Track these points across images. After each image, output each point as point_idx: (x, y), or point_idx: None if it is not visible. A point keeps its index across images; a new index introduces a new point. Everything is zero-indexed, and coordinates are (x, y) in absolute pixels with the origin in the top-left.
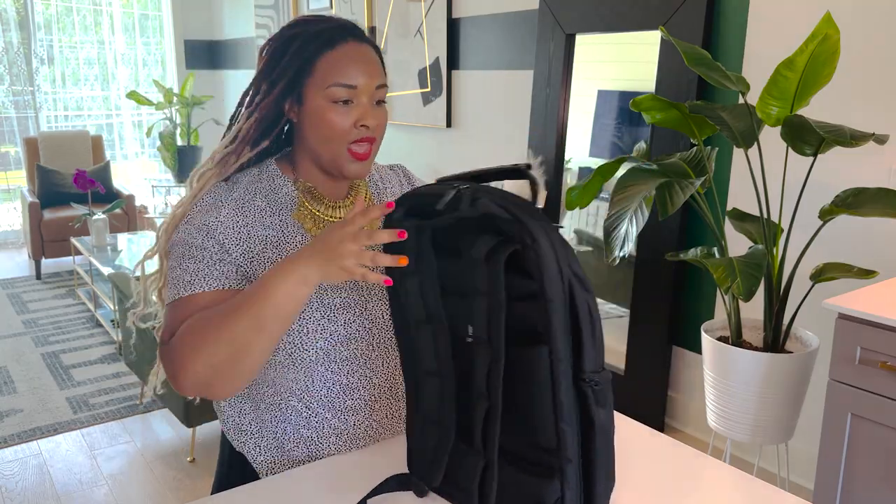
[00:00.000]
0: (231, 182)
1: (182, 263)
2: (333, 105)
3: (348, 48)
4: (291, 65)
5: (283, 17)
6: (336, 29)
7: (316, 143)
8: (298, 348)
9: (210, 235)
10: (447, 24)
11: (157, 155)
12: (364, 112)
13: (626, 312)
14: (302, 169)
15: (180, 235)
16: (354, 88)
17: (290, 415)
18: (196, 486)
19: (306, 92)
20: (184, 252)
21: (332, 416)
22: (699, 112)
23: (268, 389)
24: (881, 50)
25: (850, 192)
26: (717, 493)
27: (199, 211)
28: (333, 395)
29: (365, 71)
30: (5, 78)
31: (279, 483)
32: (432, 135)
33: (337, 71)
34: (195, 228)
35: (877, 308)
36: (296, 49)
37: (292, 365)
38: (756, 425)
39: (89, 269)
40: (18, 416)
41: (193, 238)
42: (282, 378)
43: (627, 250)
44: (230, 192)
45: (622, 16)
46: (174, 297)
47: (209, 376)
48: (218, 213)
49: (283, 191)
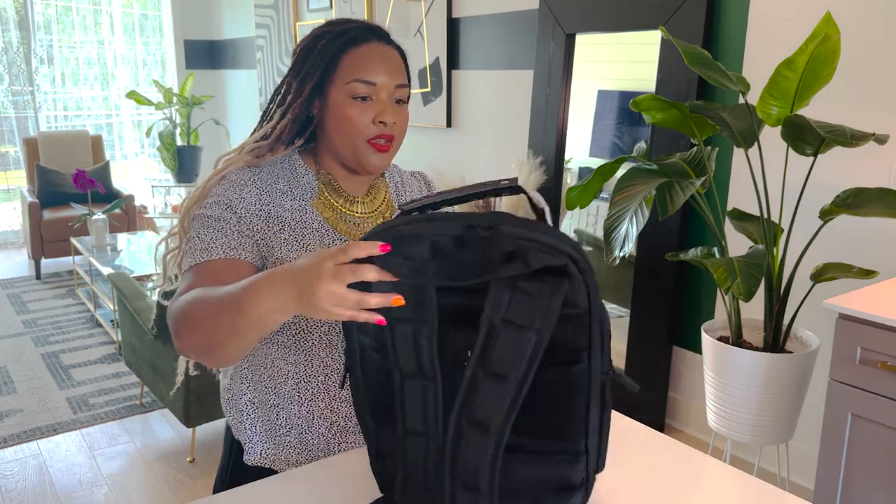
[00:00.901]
0: (254, 167)
1: (201, 233)
2: (353, 101)
3: (371, 47)
4: (318, 62)
5: (283, 17)
6: (361, 28)
7: (336, 138)
8: (302, 330)
9: (231, 209)
10: (447, 23)
11: (157, 155)
12: (383, 109)
13: (627, 312)
14: (324, 163)
15: (202, 210)
16: (374, 85)
17: (285, 400)
18: (196, 486)
19: (329, 87)
20: (203, 223)
21: (325, 406)
22: (699, 112)
23: (265, 371)
24: (881, 50)
25: (850, 192)
26: (717, 493)
27: (222, 188)
28: (330, 383)
29: (386, 69)
30: (5, 78)
31: (280, 483)
32: (432, 135)
33: (359, 67)
34: (216, 202)
35: (877, 308)
36: (322, 46)
37: (294, 347)
38: (756, 425)
39: (89, 269)
40: (18, 416)
41: (213, 211)
42: (282, 360)
43: (627, 250)
44: (253, 173)
45: (622, 16)
46: (190, 264)
47: (196, 350)
48: (240, 190)
49: (305, 179)
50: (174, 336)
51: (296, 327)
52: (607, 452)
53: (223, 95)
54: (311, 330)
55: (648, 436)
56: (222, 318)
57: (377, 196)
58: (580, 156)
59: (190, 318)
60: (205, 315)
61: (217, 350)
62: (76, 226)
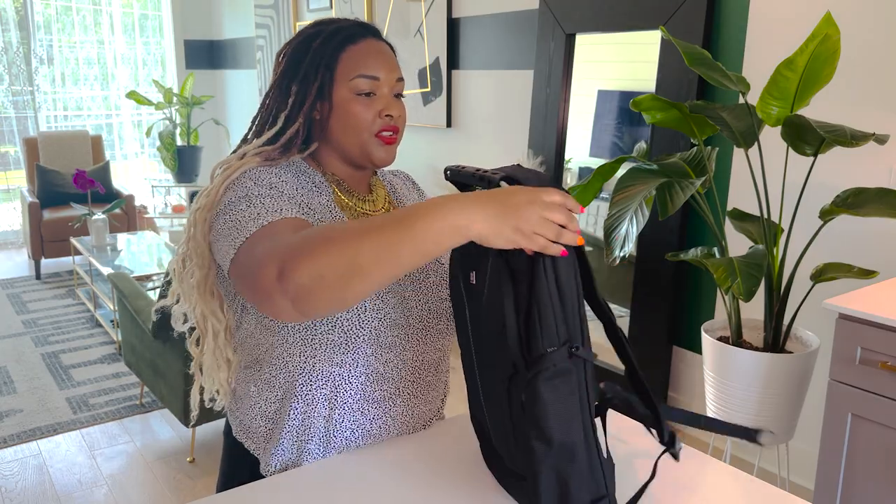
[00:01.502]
0: (271, 166)
1: (248, 208)
2: (357, 97)
3: (369, 43)
4: (317, 62)
5: (283, 17)
6: (355, 26)
7: (343, 136)
8: (355, 326)
9: (272, 186)
10: (447, 23)
11: (157, 155)
12: (387, 102)
13: (627, 312)
14: (328, 164)
15: (234, 194)
16: (378, 80)
17: (318, 406)
18: (196, 486)
19: (332, 87)
20: (245, 202)
21: (357, 409)
22: (699, 112)
23: (299, 377)
24: (881, 50)
25: (850, 192)
26: (717, 493)
27: (248, 179)
28: (366, 385)
29: (385, 64)
30: (5, 78)
31: (278, 483)
32: (432, 135)
33: (361, 63)
34: (253, 183)
35: (877, 308)
36: (318, 47)
37: (345, 344)
38: (756, 425)
39: (89, 269)
40: (18, 416)
41: (252, 189)
42: (327, 362)
43: (627, 250)
44: (275, 171)
45: (622, 16)
46: (250, 233)
47: (314, 284)
48: (273, 177)
49: (315, 179)
50: (280, 271)
51: (348, 323)
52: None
53: (223, 95)
54: (363, 325)
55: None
56: (372, 240)
57: (379, 193)
58: (580, 156)
59: (320, 243)
60: (343, 239)
61: (358, 279)
62: (76, 226)
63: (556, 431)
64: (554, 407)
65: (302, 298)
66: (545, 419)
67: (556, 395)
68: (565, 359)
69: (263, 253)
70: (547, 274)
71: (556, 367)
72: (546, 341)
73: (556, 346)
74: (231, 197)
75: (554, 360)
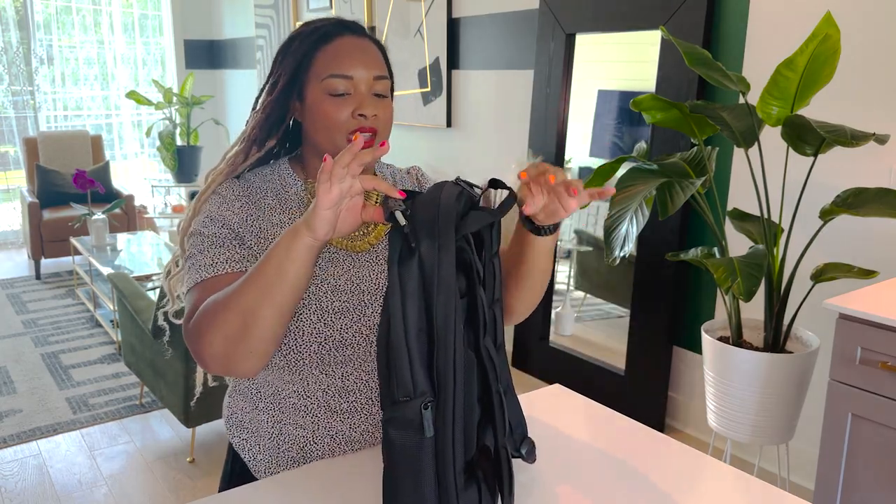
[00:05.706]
0: (243, 179)
1: (201, 251)
2: (330, 98)
3: (344, 41)
4: (291, 61)
5: (283, 17)
6: (333, 24)
7: (318, 137)
8: (293, 351)
9: (226, 225)
10: (447, 23)
11: (157, 155)
12: (361, 101)
13: (626, 312)
14: (310, 167)
15: (196, 227)
16: (350, 79)
17: (287, 415)
18: (196, 486)
19: (306, 87)
20: (201, 241)
21: (327, 419)
22: (699, 112)
23: (266, 389)
24: (881, 50)
25: (851, 192)
26: (717, 493)
27: (213, 204)
28: (329, 398)
29: (361, 62)
30: (4, 78)
31: (278, 483)
32: (432, 135)
33: (333, 63)
34: (210, 220)
35: (877, 308)
36: (295, 47)
37: (287, 367)
38: (756, 425)
39: (89, 269)
40: (18, 416)
41: (208, 228)
42: (279, 380)
43: (627, 250)
44: (242, 187)
45: (622, 16)
46: (195, 282)
47: (225, 349)
48: (231, 206)
49: (293, 190)
50: (197, 351)
51: (286, 348)
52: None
53: (223, 95)
54: (303, 349)
55: (648, 436)
56: (250, 286)
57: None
58: (580, 156)
59: (214, 314)
60: (231, 297)
61: (253, 327)
62: (76, 226)
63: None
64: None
65: (223, 367)
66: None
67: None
68: (417, 413)
69: (192, 323)
70: (405, 313)
71: (406, 419)
72: (400, 390)
73: (410, 396)
74: (195, 224)
75: (404, 411)
